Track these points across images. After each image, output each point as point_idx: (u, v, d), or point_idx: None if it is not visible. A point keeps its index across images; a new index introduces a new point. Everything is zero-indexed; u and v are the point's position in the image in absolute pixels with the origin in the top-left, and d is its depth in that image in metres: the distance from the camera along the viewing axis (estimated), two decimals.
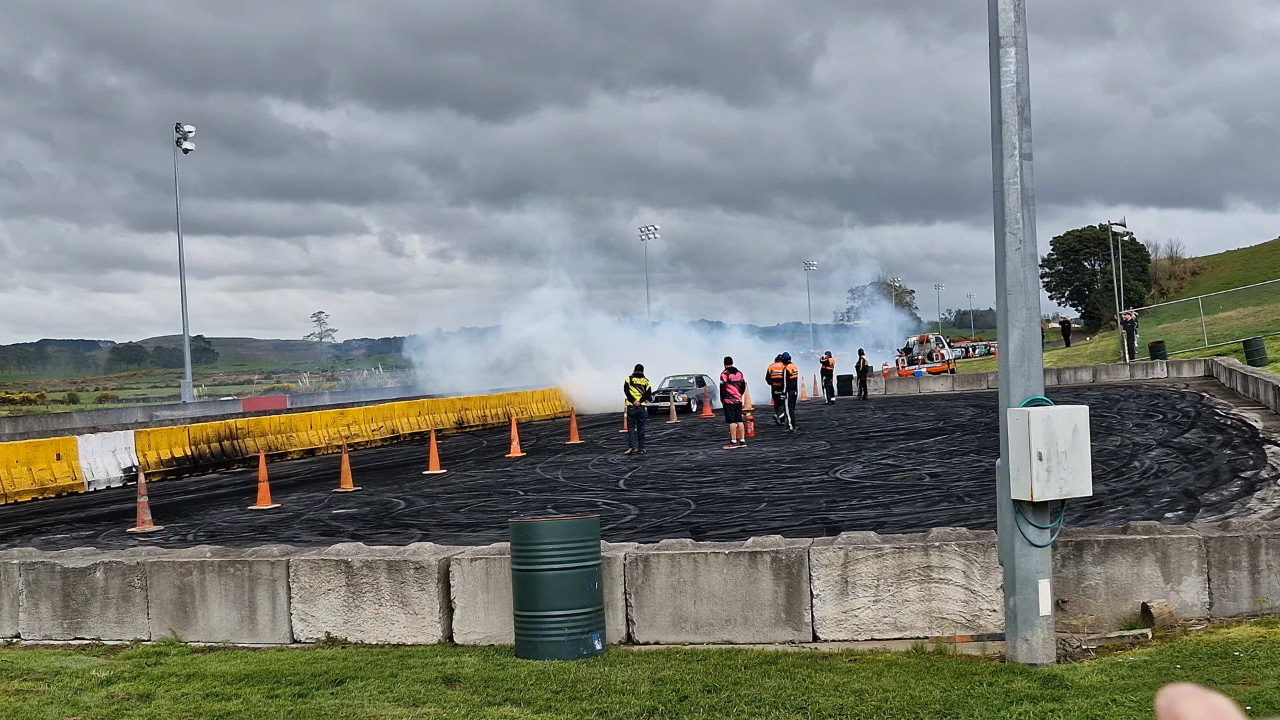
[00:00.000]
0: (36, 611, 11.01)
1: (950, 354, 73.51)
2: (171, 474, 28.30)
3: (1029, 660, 8.31)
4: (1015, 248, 8.55)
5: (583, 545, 9.20)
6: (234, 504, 21.73)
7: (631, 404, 27.55)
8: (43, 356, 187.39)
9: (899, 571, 9.32)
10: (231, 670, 9.15)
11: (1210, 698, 1.15)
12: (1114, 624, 9.28)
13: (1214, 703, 1.15)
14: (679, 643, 9.49)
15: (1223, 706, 1.15)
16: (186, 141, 60.61)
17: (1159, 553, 9.38)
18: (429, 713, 7.71)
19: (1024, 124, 8.57)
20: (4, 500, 23.75)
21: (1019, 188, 8.55)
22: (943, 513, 15.30)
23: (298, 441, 33.59)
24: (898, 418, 35.65)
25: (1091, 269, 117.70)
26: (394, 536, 15.92)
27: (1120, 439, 23.67)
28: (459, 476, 24.90)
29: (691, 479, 21.55)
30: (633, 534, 14.72)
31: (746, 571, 9.51)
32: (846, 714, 7.23)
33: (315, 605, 10.23)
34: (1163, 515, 13.94)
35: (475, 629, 9.86)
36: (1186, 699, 1.15)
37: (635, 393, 27.47)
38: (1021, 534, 8.36)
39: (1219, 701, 1.15)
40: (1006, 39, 8.53)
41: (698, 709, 7.48)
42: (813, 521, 15.20)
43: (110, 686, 8.87)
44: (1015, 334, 8.56)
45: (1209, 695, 1.16)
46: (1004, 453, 8.45)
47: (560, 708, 7.67)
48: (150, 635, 10.59)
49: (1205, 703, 1.15)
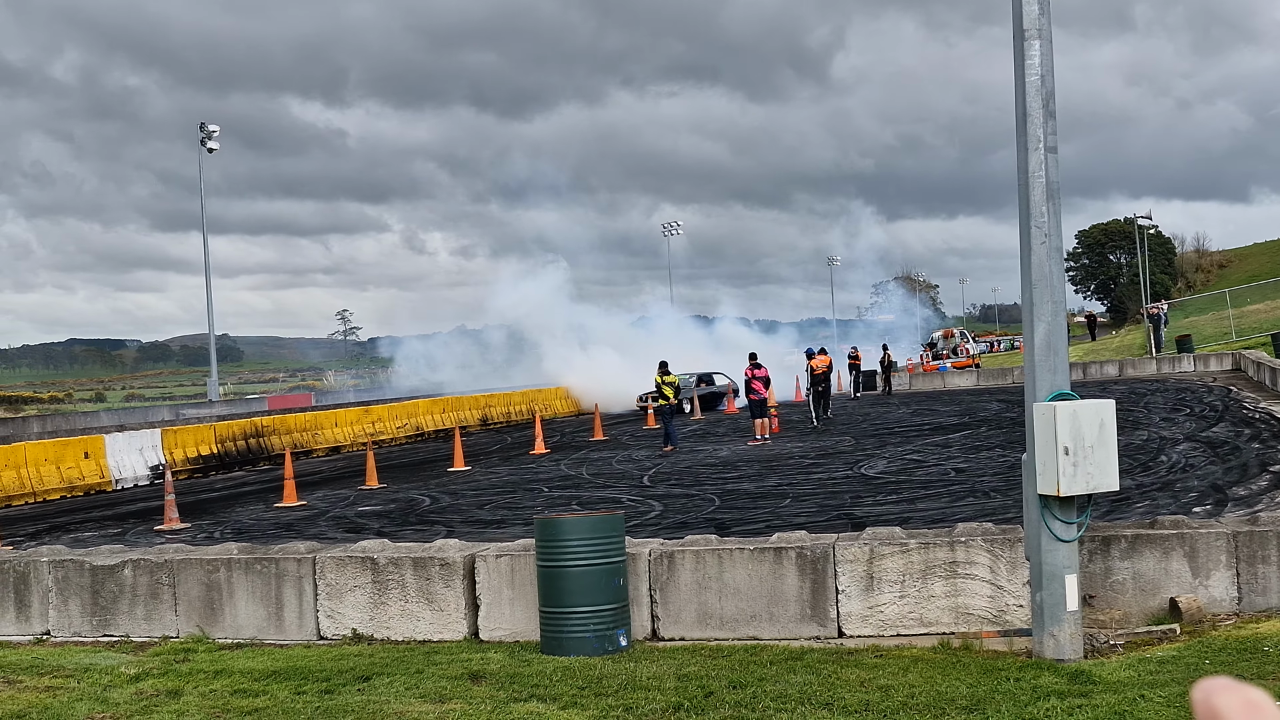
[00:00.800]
0: (66, 609, 11.09)
1: (975, 349, 73.18)
2: (198, 472, 28.46)
3: (1056, 656, 8.27)
4: (1041, 241, 8.51)
5: (607, 541, 9.21)
6: (260, 501, 21.85)
7: (666, 402, 27.73)
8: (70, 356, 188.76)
9: (924, 567, 9.29)
10: (259, 667, 9.20)
11: (1246, 691, 1.15)
12: (1141, 619, 9.22)
13: (1250, 696, 1.14)
14: (704, 639, 9.48)
15: (1259, 699, 1.14)
16: (211, 141, 60.90)
17: (1187, 547, 9.32)
18: (455, 709, 7.73)
19: (1049, 117, 8.52)
20: (33, 498, 23.93)
21: (1044, 181, 8.51)
22: (968, 508, 15.24)
23: (323, 439, 33.74)
24: (922, 413, 35.54)
25: (1117, 262, 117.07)
26: (419, 533, 15.97)
27: (1147, 433, 23.53)
28: (483, 473, 24.95)
29: (716, 475, 21.54)
30: (657, 530, 14.71)
31: (771, 567, 9.50)
32: (872, 710, 7.21)
33: (341, 602, 10.27)
34: (1190, 510, 13.86)
35: (500, 625, 9.88)
36: (1222, 692, 1.14)
37: (668, 390, 27.71)
38: (1048, 529, 8.32)
39: (1255, 695, 1.14)
40: (1031, 32, 8.49)
41: (723, 705, 7.48)
42: (837, 517, 15.17)
43: (139, 683, 8.93)
44: (1041, 328, 8.51)
45: (1245, 688, 1.15)
46: (1030, 447, 8.41)
47: (586, 704, 7.68)
48: (178, 632, 10.65)
49: (1241, 696, 1.14)
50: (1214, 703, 1.14)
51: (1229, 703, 1.14)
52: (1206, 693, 1.15)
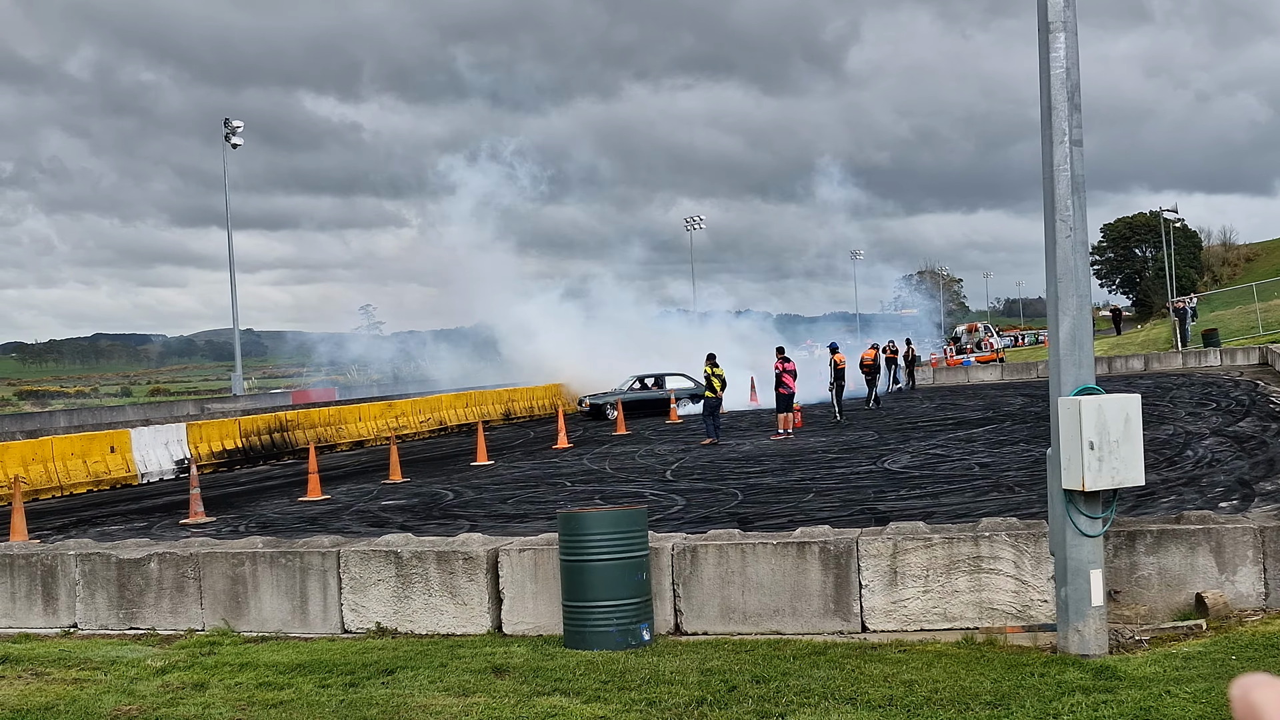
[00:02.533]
0: (93, 601, 11.17)
1: (999, 343, 72.94)
2: (223, 466, 28.60)
3: (1081, 651, 8.24)
4: (1066, 235, 8.47)
5: (631, 536, 9.21)
6: (284, 495, 21.94)
7: (712, 395, 27.65)
8: (97, 350, 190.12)
9: (948, 562, 9.26)
10: (284, 660, 9.25)
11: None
12: (1167, 615, 9.17)
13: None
14: (727, 633, 9.48)
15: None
16: (235, 137, 61.08)
17: (1213, 542, 9.26)
18: (479, 702, 7.75)
19: (1074, 110, 8.48)
20: (60, 492, 24.11)
21: (1069, 174, 8.46)
22: (992, 503, 15.19)
23: (347, 433, 33.87)
24: (946, 407, 35.43)
25: (1142, 256, 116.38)
26: (443, 527, 16.01)
27: (1173, 428, 23.40)
28: (507, 468, 25.00)
29: (739, 469, 21.52)
30: (680, 524, 14.71)
31: (795, 562, 9.49)
32: (896, 705, 7.20)
33: (366, 595, 10.31)
34: (1217, 505, 13.77)
35: (524, 619, 9.90)
36: (1261, 688, 1.14)
37: (716, 383, 27.64)
38: (1073, 524, 8.28)
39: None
40: (1056, 24, 8.44)
41: (746, 699, 7.47)
42: (861, 512, 15.14)
43: (165, 676, 8.99)
44: (1066, 322, 8.47)
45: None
46: (1055, 442, 8.38)
47: (609, 698, 7.69)
48: (204, 625, 10.72)
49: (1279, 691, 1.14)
50: (1252, 698, 1.14)
51: (1267, 698, 1.13)
52: (1245, 689, 1.15)
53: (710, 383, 27.86)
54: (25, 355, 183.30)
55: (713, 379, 27.84)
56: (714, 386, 27.76)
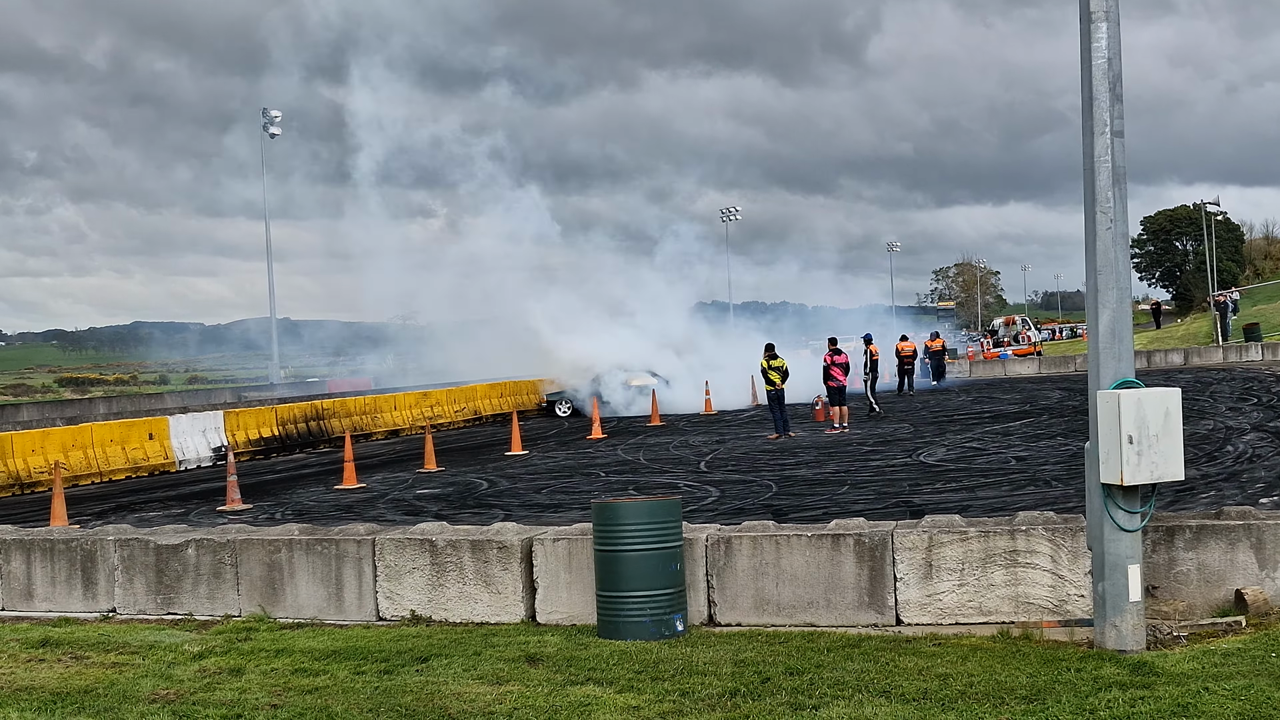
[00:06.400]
0: (131, 587, 11.28)
1: (1037, 336, 72.45)
2: (259, 454, 28.82)
3: (1118, 647, 8.17)
4: (1106, 227, 8.38)
5: (665, 526, 9.21)
6: (320, 483, 22.09)
7: (772, 388, 26.93)
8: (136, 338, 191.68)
9: (984, 555, 9.21)
10: (319, 646, 9.31)
11: None
12: (1206, 611, 9.09)
13: None
14: (761, 624, 9.47)
15: None
16: (273, 126, 61.42)
17: (1254, 538, 9.16)
18: (512, 691, 7.77)
19: (1115, 100, 8.39)
20: (99, 478, 24.37)
21: (1110, 166, 8.38)
22: (1029, 497, 15.10)
23: (382, 422, 34.04)
24: (982, 400, 35.22)
25: (1183, 249, 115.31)
26: (477, 516, 16.08)
27: (1213, 423, 23.17)
28: (541, 457, 25.06)
29: (773, 461, 21.49)
30: (714, 515, 14.71)
31: (829, 554, 9.46)
32: (931, 698, 7.17)
33: (400, 584, 10.36)
34: (1257, 500, 13.64)
35: (558, 609, 9.92)
36: None
37: (775, 376, 26.79)
38: (1111, 518, 8.22)
39: None
40: (1098, 14, 8.35)
41: (780, 691, 7.46)
42: (896, 504, 15.09)
43: (202, 661, 9.07)
44: (1105, 315, 8.39)
45: None
46: (1093, 435, 8.31)
47: (642, 688, 7.69)
48: (240, 611, 10.80)
49: None
50: None
51: None
52: None
53: (768, 375, 26.91)
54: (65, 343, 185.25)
55: (770, 371, 26.84)
56: (771, 379, 26.81)
